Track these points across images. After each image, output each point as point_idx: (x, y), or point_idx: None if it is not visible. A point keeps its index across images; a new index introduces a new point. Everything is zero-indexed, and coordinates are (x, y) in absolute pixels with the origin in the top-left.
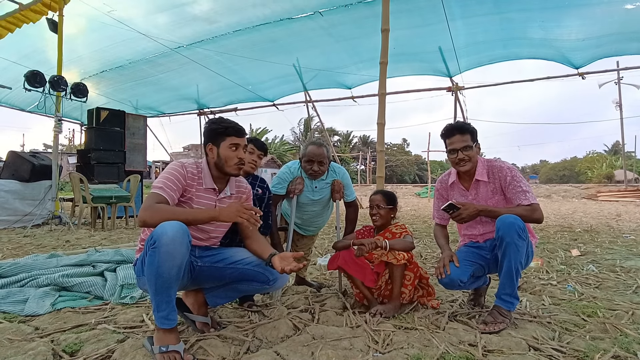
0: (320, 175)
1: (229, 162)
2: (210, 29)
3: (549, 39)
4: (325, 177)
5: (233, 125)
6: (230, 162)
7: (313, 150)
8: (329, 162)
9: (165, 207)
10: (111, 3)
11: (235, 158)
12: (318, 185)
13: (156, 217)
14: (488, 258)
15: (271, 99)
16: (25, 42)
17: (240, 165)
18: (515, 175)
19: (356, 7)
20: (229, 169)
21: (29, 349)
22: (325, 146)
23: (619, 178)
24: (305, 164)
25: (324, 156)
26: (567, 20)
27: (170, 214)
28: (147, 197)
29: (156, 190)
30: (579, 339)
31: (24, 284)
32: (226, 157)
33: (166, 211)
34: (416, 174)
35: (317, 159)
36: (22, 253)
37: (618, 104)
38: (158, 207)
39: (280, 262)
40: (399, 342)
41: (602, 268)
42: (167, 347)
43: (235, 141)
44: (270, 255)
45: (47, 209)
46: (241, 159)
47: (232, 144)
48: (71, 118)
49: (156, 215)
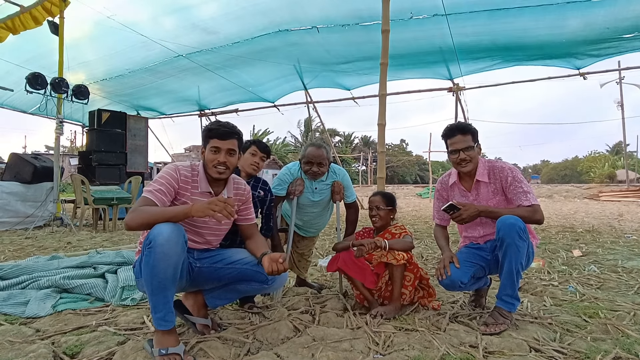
0: (319, 176)
1: (208, 164)
2: (210, 39)
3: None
4: (325, 178)
5: (216, 129)
6: (210, 164)
7: (312, 151)
8: (329, 163)
9: (145, 208)
10: (112, 7)
11: (215, 161)
12: (318, 186)
13: (137, 220)
14: (489, 259)
15: (272, 100)
16: (29, 45)
17: (220, 169)
18: (516, 176)
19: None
20: (209, 171)
21: (29, 351)
22: (325, 147)
23: (621, 178)
24: (304, 165)
25: (323, 157)
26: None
27: (148, 215)
28: (137, 201)
29: (146, 194)
30: (580, 340)
31: (25, 286)
32: (207, 159)
33: (145, 212)
34: (417, 175)
35: (316, 160)
36: (24, 255)
37: (620, 104)
38: (139, 209)
39: (269, 262)
40: (399, 344)
41: (604, 269)
42: (166, 349)
43: (217, 144)
44: (262, 254)
45: (48, 211)
46: (222, 162)
47: (213, 147)
48: (73, 120)
49: (137, 218)
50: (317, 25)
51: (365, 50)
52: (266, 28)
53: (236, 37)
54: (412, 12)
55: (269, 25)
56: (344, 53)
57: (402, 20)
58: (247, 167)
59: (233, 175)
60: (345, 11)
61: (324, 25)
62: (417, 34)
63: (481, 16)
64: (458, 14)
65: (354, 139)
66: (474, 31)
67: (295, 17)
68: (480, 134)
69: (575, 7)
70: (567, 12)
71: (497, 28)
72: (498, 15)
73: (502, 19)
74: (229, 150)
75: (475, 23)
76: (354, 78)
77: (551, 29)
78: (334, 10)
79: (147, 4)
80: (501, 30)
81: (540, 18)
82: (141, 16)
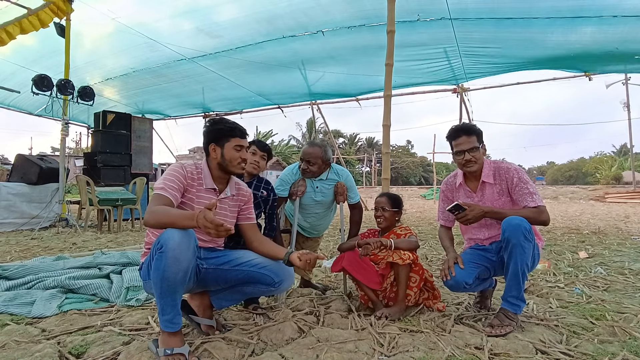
0: (311, 175)
1: (233, 162)
2: (213, 43)
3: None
4: (325, 177)
5: (238, 127)
6: (235, 162)
7: (305, 149)
8: (326, 162)
9: (162, 209)
10: (115, 9)
11: (239, 158)
12: (319, 185)
13: (153, 220)
14: (494, 260)
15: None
16: (36, 47)
17: (243, 165)
18: (522, 176)
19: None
20: (234, 169)
21: (35, 350)
22: (320, 146)
23: (628, 179)
24: (300, 164)
25: (313, 155)
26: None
27: (165, 219)
28: (152, 198)
29: (159, 192)
30: (587, 342)
31: (31, 286)
32: (231, 157)
33: (162, 214)
34: (422, 176)
35: (306, 158)
36: (30, 255)
37: (626, 105)
38: (157, 210)
39: (301, 255)
40: (404, 345)
41: (611, 270)
42: (171, 349)
43: (240, 142)
44: (288, 253)
45: (54, 212)
46: (244, 159)
47: (237, 145)
48: (78, 121)
49: (154, 218)
50: (322, 29)
51: (370, 53)
52: (270, 34)
53: (239, 42)
54: (419, 15)
55: (273, 32)
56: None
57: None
58: (247, 167)
59: (234, 178)
60: (352, 12)
61: (329, 29)
62: (422, 36)
63: (488, 23)
64: (464, 20)
65: (358, 140)
66: (480, 37)
67: (300, 22)
68: (488, 136)
69: (585, 22)
70: (576, 27)
71: (504, 37)
72: (505, 24)
73: (510, 27)
74: (248, 148)
75: (481, 29)
76: (359, 85)
77: (559, 44)
78: (339, 14)
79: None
80: (508, 39)
81: (549, 30)
82: (147, 18)
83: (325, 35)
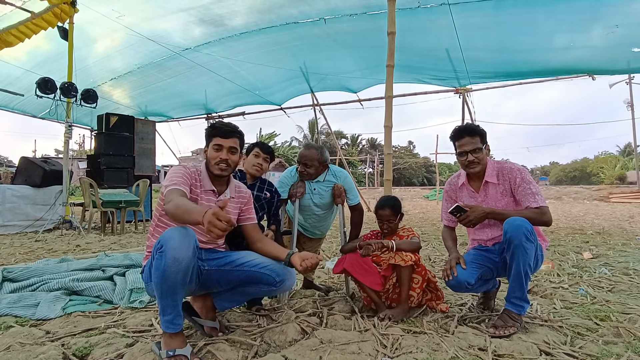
0: (307, 177)
1: (211, 161)
2: (217, 30)
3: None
4: (322, 179)
5: (219, 127)
6: (212, 162)
7: (301, 152)
8: (322, 164)
9: (182, 199)
10: (119, 9)
11: (217, 158)
12: (316, 187)
13: (175, 205)
14: (497, 261)
15: (278, 102)
16: (40, 50)
17: (223, 166)
18: (525, 177)
19: (360, 17)
20: (212, 169)
21: (40, 352)
22: (316, 148)
23: (632, 179)
24: (298, 166)
25: (309, 158)
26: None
27: (181, 211)
28: (167, 193)
29: (172, 187)
30: (591, 343)
31: (36, 288)
32: (210, 157)
33: (181, 206)
34: (424, 177)
35: (302, 160)
36: (34, 257)
37: (630, 104)
38: (176, 198)
39: (300, 258)
40: (407, 347)
41: (615, 271)
42: (174, 351)
43: (219, 142)
44: (289, 255)
45: (58, 214)
46: (223, 159)
47: (216, 145)
48: (81, 124)
49: (175, 203)
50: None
51: (372, 50)
52: (272, 21)
53: (243, 28)
54: (419, 2)
55: (276, 19)
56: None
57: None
58: (250, 169)
59: (234, 180)
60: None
61: (332, 16)
62: (425, 40)
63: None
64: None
65: (361, 141)
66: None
67: (301, 10)
68: (493, 136)
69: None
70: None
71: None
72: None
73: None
74: (231, 148)
75: (484, 35)
76: (360, 80)
77: (563, 50)
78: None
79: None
80: (511, 45)
81: (552, 38)
82: (146, 15)
83: (327, 23)
